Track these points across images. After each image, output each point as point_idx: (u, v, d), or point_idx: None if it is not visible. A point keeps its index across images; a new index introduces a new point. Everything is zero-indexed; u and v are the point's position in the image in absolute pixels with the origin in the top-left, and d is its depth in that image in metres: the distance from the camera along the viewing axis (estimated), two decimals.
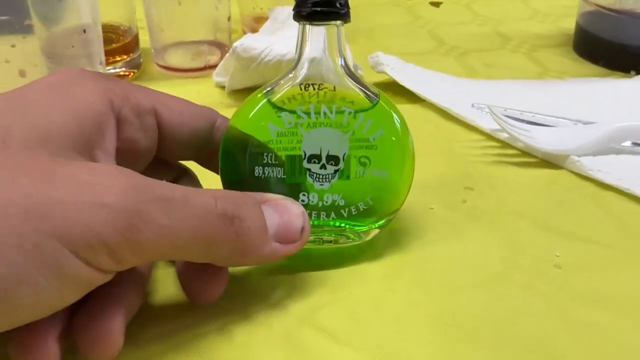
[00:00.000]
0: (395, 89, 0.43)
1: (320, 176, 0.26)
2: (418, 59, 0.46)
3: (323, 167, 0.25)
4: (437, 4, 0.60)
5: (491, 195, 0.33)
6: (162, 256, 0.21)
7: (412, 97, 0.42)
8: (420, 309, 0.25)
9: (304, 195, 0.26)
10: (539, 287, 0.26)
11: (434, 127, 0.40)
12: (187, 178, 0.29)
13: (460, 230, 0.30)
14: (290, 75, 0.26)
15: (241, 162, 0.25)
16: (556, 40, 0.53)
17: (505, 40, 0.53)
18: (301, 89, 0.26)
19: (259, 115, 0.26)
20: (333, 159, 0.26)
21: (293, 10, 0.26)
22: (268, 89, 0.26)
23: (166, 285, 0.26)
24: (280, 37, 0.41)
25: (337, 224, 0.26)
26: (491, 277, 0.27)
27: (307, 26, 0.26)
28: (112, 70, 0.44)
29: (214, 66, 0.44)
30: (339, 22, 0.26)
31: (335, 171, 0.26)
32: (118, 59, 0.44)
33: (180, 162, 0.29)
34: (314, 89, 0.26)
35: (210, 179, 0.28)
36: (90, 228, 0.18)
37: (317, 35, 0.26)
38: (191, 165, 0.29)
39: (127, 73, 0.45)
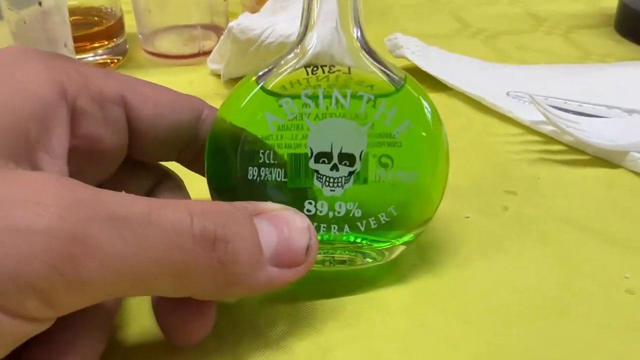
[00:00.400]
0: (417, 76, 0.38)
1: (331, 180, 0.22)
2: (440, 43, 0.43)
3: (334, 168, 0.22)
4: None
5: (537, 201, 0.29)
6: (118, 293, 0.17)
7: (437, 85, 0.39)
8: (459, 348, 0.22)
9: (310, 203, 0.23)
10: (608, 318, 0.23)
11: (465, 119, 0.37)
12: (170, 184, 0.25)
13: (503, 245, 0.27)
14: (295, 52, 0.23)
15: (232, 162, 0.22)
16: (595, 20, 0.51)
17: (538, 22, 0.51)
18: (307, 73, 0.22)
19: (253, 103, 0.22)
20: (347, 158, 0.22)
21: None
22: (265, 70, 0.23)
23: (140, 319, 0.23)
24: (284, 16, 0.38)
25: (353, 239, 0.23)
26: (546, 305, 0.24)
27: None
28: (91, 58, 0.41)
29: (208, 52, 0.42)
30: None
31: (350, 173, 0.22)
32: (98, 45, 0.41)
33: (161, 163, 0.26)
34: (323, 71, 0.22)
35: (198, 185, 0.25)
36: (8, 264, 0.14)
37: (328, 3, 0.22)
38: (176, 167, 0.25)
39: (110, 60, 0.41)
